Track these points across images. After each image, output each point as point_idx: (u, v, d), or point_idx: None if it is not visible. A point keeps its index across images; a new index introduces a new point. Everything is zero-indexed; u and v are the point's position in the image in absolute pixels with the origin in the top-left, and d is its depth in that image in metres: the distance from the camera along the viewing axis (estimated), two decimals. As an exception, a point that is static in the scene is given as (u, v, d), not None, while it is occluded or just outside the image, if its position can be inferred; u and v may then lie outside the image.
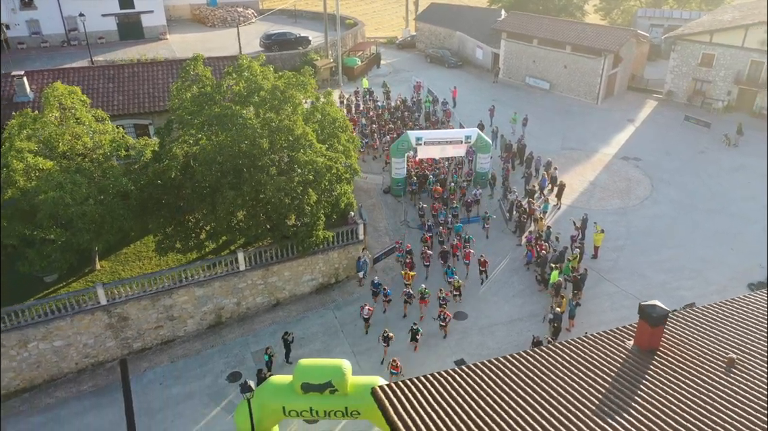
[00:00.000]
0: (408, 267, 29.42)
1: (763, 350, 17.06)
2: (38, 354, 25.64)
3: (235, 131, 24.97)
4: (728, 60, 46.25)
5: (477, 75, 56.70)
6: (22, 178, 23.85)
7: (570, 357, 17.94)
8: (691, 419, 14.39)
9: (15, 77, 32.22)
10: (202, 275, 27.49)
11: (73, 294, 25.54)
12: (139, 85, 34.07)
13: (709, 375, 16.25)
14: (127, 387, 25.90)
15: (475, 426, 15.24)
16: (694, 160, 40.70)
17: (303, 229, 26.90)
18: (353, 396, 19.59)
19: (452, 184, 36.41)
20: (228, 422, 23.76)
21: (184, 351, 27.57)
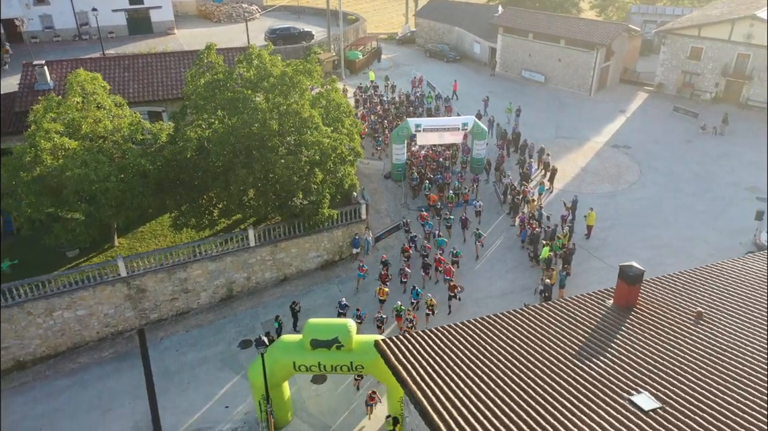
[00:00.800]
0: (382, 280, 28.38)
1: (729, 305, 18.92)
2: (63, 322, 27.47)
3: (247, 114, 26.82)
4: (716, 53, 48.07)
5: (475, 69, 58.53)
6: (50, 156, 25.67)
7: (555, 315, 19.81)
8: (661, 362, 16.25)
9: (36, 66, 34.08)
10: (214, 250, 29.32)
11: (96, 267, 27.40)
12: (152, 74, 35.93)
13: (679, 326, 18.12)
14: (146, 354, 27.87)
15: (467, 369, 17.11)
16: (681, 148, 42.54)
17: (309, 207, 28.73)
18: (358, 351, 21.40)
19: (451, 191, 35.40)
20: (240, 383, 25.62)
21: (197, 322, 29.43)
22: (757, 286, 20.07)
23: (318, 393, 24.80)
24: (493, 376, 16.54)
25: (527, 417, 14.56)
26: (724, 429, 13.25)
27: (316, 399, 24.52)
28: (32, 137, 26.16)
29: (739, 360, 15.86)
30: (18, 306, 26.19)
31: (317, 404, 24.28)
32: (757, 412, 13.70)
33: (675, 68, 50.69)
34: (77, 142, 26.46)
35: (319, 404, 24.26)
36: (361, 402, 23.96)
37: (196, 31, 61.06)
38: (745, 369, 15.40)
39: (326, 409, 23.82)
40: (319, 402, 24.33)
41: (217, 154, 26.62)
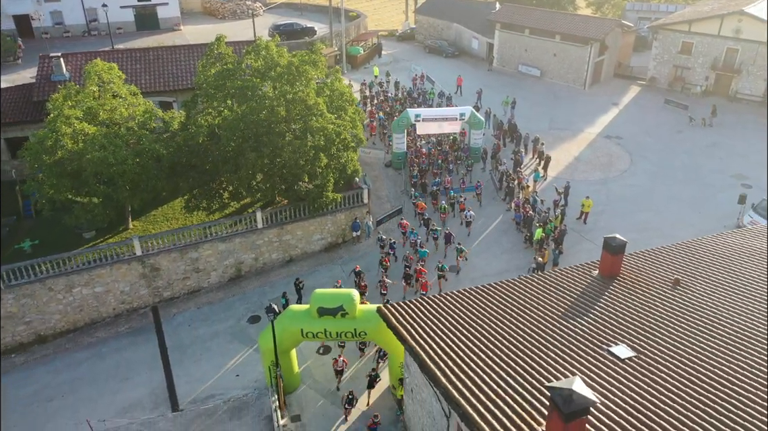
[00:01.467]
0: (362, 290, 27.67)
1: (705, 274, 20.50)
2: (81, 298, 29.05)
3: (255, 102, 28.40)
4: (706, 47, 49.66)
5: (473, 64, 60.11)
6: (70, 141, 27.25)
7: (544, 283, 21.41)
8: (639, 320, 17.86)
9: (53, 58, 35.66)
10: (224, 231, 30.90)
11: (113, 246, 28.99)
12: (163, 66, 37.50)
13: (657, 291, 19.72)
14: (159, 328, 29.46)
15: (461, 327, 18.74)
16: (671, 138, 44.13)
17: (314, 190, 30.31)
18: (361, 319, 22.97)
19: (443, 202, 34.57)
20: (249, 355, 27.19)
21: (208, 299, 31.01)
22: (730, 256, 21.67)
23: (323, 363, 26.36)
24: (485, 332, 18.15)
25: (515, 365, 16.15)
26: (693, 374, 14.85)
27: (322, 368, 26.09)
28: (53, 123, 27.73)
29: (709, 318, 17.46)
30: (40, 282, 27.77)
31: (323, 372, 25.84)
32: (723, 361, 15.32)
33: (667, 62, 52.28)
34: (95, 127, 28.02)
35: (325, 373, 25.81)
36: (363, 370, 25.52)
37: (201, 27, 62.63)
38: (714, 325, 17.00)
39: (332, 377, 25.34)
40: (324, 371, 25.88)
41: (228, 139, 28.20)
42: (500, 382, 15.52)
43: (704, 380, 14.50)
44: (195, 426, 24.14)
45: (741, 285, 19.30)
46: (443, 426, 18.35)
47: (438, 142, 41.64)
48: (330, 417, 23.74)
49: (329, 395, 24.75)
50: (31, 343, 28.73)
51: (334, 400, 24.34)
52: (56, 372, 27.29)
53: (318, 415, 23.95)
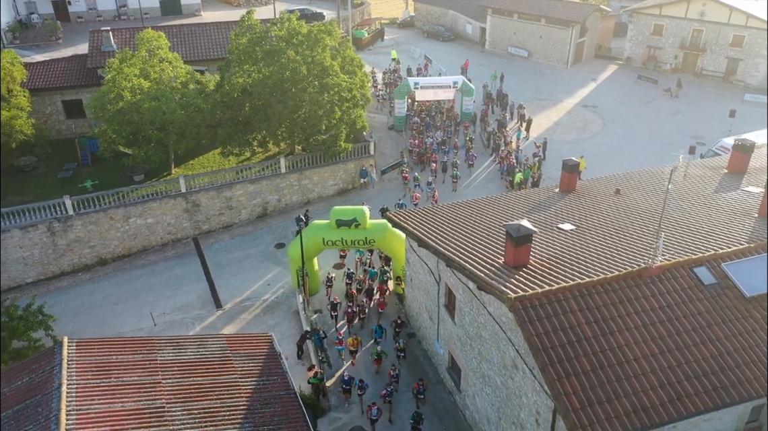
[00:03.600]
0: (348, 319, 27.88)
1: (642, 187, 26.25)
2: (135, 228, 34.80)
3: (281, 63, 34.14)
4: (675, 29, 55.41)
5: (467, 46, 65.85)
6: (129, 94, 32.98)
7: (517, 196, 27.19)
8: (583, 211, 23.66)
9: (103, 32, 41.43)
10: (253, 174, 36.66)
11: (163, 182, 34.77)
12: (196, 39, 43.24)
13: (602, 198, 25.47)
14: (201, 253, 35.24)
15: (449, 221, 24.54)
16: (641, 107, 49.90)
17: (330, 139, 36.03)
18: (370, 230, 28.74)
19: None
20: (277, 272, 32.93)
21: (240, 232, 36.79)
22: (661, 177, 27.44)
23: (337, 275, 32.13)
24: (466, 221, 23.97)
25: (488, 235, 21.93)
26: (609, 237, 20.66)
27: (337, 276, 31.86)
28: (113, 80, 33.46)
29: (635, 210, 23.26)
30: (103, 212, 33.50)
31: (337, 281, 31.57)
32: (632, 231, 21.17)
33: (641, 43, 58.04)
34: (149, 83, 33.77)
35: (338, 281, 31.55)
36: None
37: (219, 13, 68.26)
38: (638, 212, 22.81)
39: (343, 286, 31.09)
40: (338, 280, 31.63)
41: (259, 93, 33.96)
42: (474, 240, 21.32)
43: (616, 240, 20.34)
44: (236, 319, 29.96)
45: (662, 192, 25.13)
46: (435, 293, 24.14)
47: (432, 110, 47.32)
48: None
49: (344, 297, 30.47)
50: (94, 264, 34.47)
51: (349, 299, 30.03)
52: (118, 284, 33.09)
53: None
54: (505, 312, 17.81)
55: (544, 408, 16.53)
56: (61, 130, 41.80)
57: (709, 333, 16.31)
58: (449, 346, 23.68)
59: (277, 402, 19.10)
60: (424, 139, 42.15)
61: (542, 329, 15.89)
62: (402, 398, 24.38)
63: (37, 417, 16.35)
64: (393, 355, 26.17)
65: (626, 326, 16.22)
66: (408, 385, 24.81)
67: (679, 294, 17.04)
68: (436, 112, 46.88)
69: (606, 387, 15.02)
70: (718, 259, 17.93)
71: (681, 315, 16.59)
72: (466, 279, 20.35)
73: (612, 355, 15.61)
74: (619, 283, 17.09)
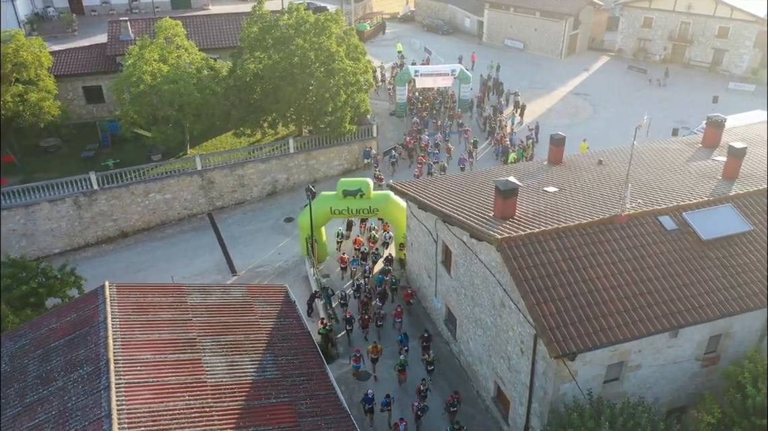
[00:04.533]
0: (363, 325, 27.74)
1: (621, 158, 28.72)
2: (154, 203, 37.35)
3: (290, 50, 36.66)
4: (663, 21, 57.90)
5: (465, 39, 68.35)
6: (149, 77, 35.49)
7: (509, 169, 29.68)
8: (567, 178, 26.16)
9: (121, 22, 43.98)
10: (264, 154, 39.19)
11: (180, 161, 37.31)
12: (208, 29, 45.77)
13: (587, 168, 27.93)
14: (215, 226, 37.78)
15: (445, 187, 27.06)
16: (630, 95, 52.41)
17: (335, 120, 38.53)
18: (374, 200, 31.26)
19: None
20: (287, 242, 35.48)
21: (252, 208, 39.34)
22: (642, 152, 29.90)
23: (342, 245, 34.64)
24: (461, 188, 26.50)
25: (479, 196, 24.46)
26: (592, 199, 23.17)
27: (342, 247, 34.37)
28: (134, 65, 35.95)
29: (614, 176, 25.78)
30: (125, 188, 36.04)
31: (344, 250, 34.07)
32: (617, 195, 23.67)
33: (632, 35, 60.54)
34: (168, 67, 36.30)
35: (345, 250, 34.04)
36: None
37: (227, 7, 70.59)
38: (617, 178, 25.32)
39: (350, 251, 33.60)
40: (344, 249, 34.10)
41: (269, 77, 36.50)
42: (468, 201, 23.86)
43: (594, 198, 22.88)
44: (250, 284, 32.44)
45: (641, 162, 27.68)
46: (433, 252, 26.66)
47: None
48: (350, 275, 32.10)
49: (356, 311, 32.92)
50: (116, 237, 37.01)
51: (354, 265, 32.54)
52: (139, 254, 35.65)
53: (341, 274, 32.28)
54: (494, 258, 20.34)
55: (527, 336, 19.07)
56: (81, 115, 44.31)
57: (669, 269, 18.85)
58: (446, 300, 26.22)
59: (294, 339, 21.64)
60: (421, 136, 43.21)
61: (524, 264, 18.42)
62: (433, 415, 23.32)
63: (87, 344, 18.91)
64: (422, 369, 25.09)
65: (597, 263, 18.76)
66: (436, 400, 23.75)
67: (645, 238, 19.58)
68: (440, 105, 48.77)
69: (578, 311, 17.55)
70: (680, 209, 20.47)
71: (645, 255, 19.13)
72: (460, 233, 22.90)
73: (584, 286, 18.14)
74: (593, 228, 19.64)
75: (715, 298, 18.29)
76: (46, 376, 18.28)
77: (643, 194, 22.22)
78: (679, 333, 18.73)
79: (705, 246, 19.55)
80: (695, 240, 19.67)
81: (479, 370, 23.95)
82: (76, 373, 17.97)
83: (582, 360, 17.96)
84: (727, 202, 20.90)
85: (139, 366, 18.13)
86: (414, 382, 24.65)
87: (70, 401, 17.05)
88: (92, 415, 16.36)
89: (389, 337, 27.73)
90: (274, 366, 19.96)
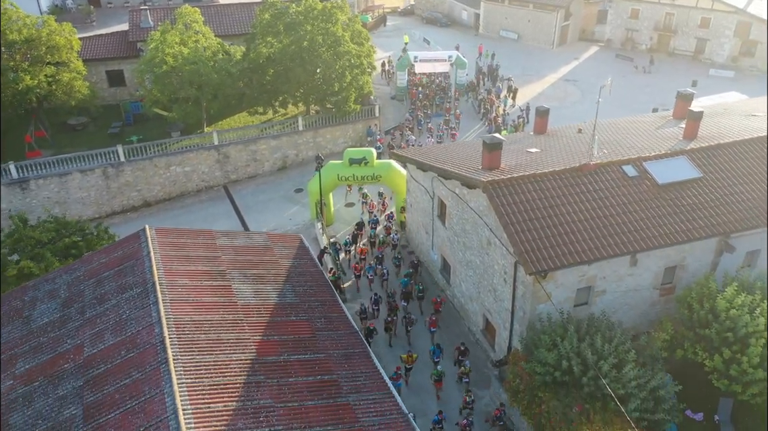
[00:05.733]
0: (386, 327, 26.98)
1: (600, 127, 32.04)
2: (175, 175, 40.69)
3: (299, 35, 40.00)
4: (649, 13, 61.25)
5: (462, 31, 71.74)
6: (171, 59, 38.82)
7: (497, 137, 32.98)
8: (549, 143, 29.51)
9: (142, 10, 47.36)
10: (275, 131, 42.53)
11: (198, 136, 40.67)
12: (222, 17, 49.17)
13: (567, 135, 31.25)
14: (231, 197, 41.11)
15: (441, 152, 30.38)
16: (616, 81, 55.05)
17: (341, 100, 41.87)
18: (377, 167, 34.55)
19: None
20: (297, 210, 38.81)
21: (264, 181, 42.69)
22: (618, 123, 33.22)
23: (348, 212, 38.00)
24: (455, 152, 29.84)
25: (471, 158, 27.79)
26: (567, 156, 26.51)
27: (348, 214, 37.72)
28: (156, 48, 39.27)
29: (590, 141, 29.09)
30: (149, 160, 39.37)
31: (349, 214, 37.42)
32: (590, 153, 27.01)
33: (620, 26, 63.91)
34: (188, 49, 39.65)
35: (350, 214, 37.39)
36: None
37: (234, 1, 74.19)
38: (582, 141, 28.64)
39: (355, 217, 36.89)
40: (350, 213, 37.46)
41: (281, 59, 39.86)
42: (460, 160, 27.21)
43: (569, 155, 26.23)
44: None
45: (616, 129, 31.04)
46: (429, 209, 29.98)
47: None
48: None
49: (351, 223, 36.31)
50: (140, 206, 40.36)
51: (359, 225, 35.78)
52: (161, 221, 38.88)
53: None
54: (481, 202, 23.68)
55: (509, 266, 22.41)
56: (104, 97, 47.63)
57: (629, 207, 22.20)
58: (441, 250, 29.56)
59: (308, 274, 24.99)
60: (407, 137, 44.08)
61: (506, 202, 21.77)
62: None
63: (135, 272, 22.25)
64: (455, 380, 24.97)
65: (568, 202, 22.10)
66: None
67: (609, 183, 22.94)
68: (441, 99, 51.65)
69: (550, 239, 20.88)
70: (641, 160, 23.83)
71: (609, 196, 22.48)
72: (453, 186, 26.24)
73: (556, 219, 21.48)
74: (565, 174, 23.00)
75: (667, 230, 21.63)
76: (101, 297, 21.64)
77: (612, 150, 25.55)
78: (638, 262, 22.08)
79: (661, 190, 22.89)
80: (653, 185, 23.01)
81: (470, 308, 27.29)
82: (127, 294, 21.31)
83: (554, 283, 21.30)
84: (682, 155, 24.24)
85: (179, 288, 21.47)
86: (450, 393, 24.29)
87: (125, 313, 20.41)
88: (144, 322, 19.72)
89: (417, 344, 26.83)
90: (293, 294, 23.32)
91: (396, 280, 30.69)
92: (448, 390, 24.83)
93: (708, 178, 23.56)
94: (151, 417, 16.49)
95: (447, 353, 26.08)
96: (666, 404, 19.04)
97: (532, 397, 20.37)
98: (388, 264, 31.58)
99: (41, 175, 36.96)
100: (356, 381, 19.86)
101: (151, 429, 16.22)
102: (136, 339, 19.24)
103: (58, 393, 18.38)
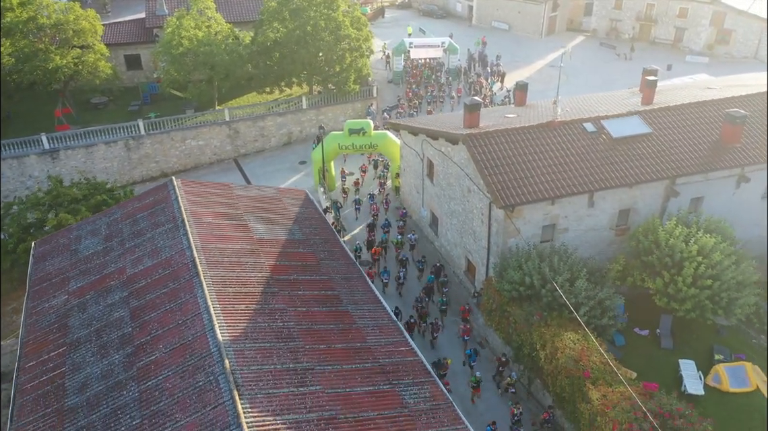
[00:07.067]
0: (408, 327, 25.85)
1: (574, 100, 35.87)
2: (190, 149, 44.53)
3: (303, 20, 43.85)
4: (631, 3, 65.02)
5: (456, 22, 75.57)
6: (187, 41, 42.65)
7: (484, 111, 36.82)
8: (527, 113, 33.25)
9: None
10: (281, 109, 46.37)
11: (211, 113, 44.53)
12: (232, 5, 53.03)
13: (544, 106, 35.02)
14: (241, 169, 44.98)
15: (435, 121, 34.21)
16: (599, 66, 59.57)
17: (341, 80, 45.68)
18: (374, 137, 38.34)
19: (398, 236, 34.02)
20: (302, 178, 42.64)
21: (270, 154, 46.56)
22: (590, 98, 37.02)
23: (349, 180, 41.81)
24: (443, 120, 33.63)
25: (456, 123, 31.61)
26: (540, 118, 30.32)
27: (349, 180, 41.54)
28: (173, 32, 43.10)
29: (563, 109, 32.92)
30: (167, 134, 43.22)
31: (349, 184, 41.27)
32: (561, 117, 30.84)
33: (604, 17, 67.70)
34: (202, 33, 43.51)
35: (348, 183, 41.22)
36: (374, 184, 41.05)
37: (239, -6, 78.24)
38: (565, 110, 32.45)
39: (355, 184, 40.75)
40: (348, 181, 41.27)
41: (286, 42, 43.71)
42: (446, 125, 31.04)
43: (542, 118, 30.08)
44: (273, 207, 39.63)
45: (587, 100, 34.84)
46: (420, 170, 33.80)
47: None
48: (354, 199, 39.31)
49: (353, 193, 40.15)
50: (157, 177, 44.17)
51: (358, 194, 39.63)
52: (178, 189, 42.77)
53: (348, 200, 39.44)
54: (463, 156, 27.50)
55: (485, 208, 26.24)
56: (123, 80, 51.46)
57: (587, 156, 26.01)
58: (430, 206, 33.39)
59: (313, 218, 28.85)
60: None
61: (482, 151, 25.60)
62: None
63: (165, 212, 26.10)
64: (498, 390, 25.00)
65: (535, 152, 25.94)
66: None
67: (571, 137, 26.76)
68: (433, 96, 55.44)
69: (519, 181, 24.70)
70: (600, 119, 27.65)
71: (571, 148, 26.31)
72: (439, 146, 30.07)
73: (524, 166, 25.31)
74: (533, 129, 26.85)
75: (620, 174, 25.46)
76: (138, 232, 25.50)
77: (578, 114, 29.39)
78: (595, 204, 25.91)
79: (615, 143, 26.71)
80: (609, 139, 26.84)
81: (454, 253, 31.13)
82: (160, 229, 25.18)
83: (523, 220, 25.14)
84: (636, 114, 28.08)
85: (204, 224, 25.32)
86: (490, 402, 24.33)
87: (159, 243, 24.28)
88: (177, 248, 23.57)
89: (442, 349, 27.22)
90: (300, 232, 27.18)
91: (418, 285, 30.85)
92: (486, 398, 24.58)
93: (657, 134, 27.38)
94: (187, 313, 20.36)
95: (453, 310, 28.64)
96: (611, 312, 22.87)
97: (502, 313, 24.23)
98: (407, 268, 31.42)
99: (70, 146, 40.80)
100: (354, 296, 23.72)
101: (188, 322, 20.08)
102: (171, 260, 23.10)
103: (107, 301, 22.26)
